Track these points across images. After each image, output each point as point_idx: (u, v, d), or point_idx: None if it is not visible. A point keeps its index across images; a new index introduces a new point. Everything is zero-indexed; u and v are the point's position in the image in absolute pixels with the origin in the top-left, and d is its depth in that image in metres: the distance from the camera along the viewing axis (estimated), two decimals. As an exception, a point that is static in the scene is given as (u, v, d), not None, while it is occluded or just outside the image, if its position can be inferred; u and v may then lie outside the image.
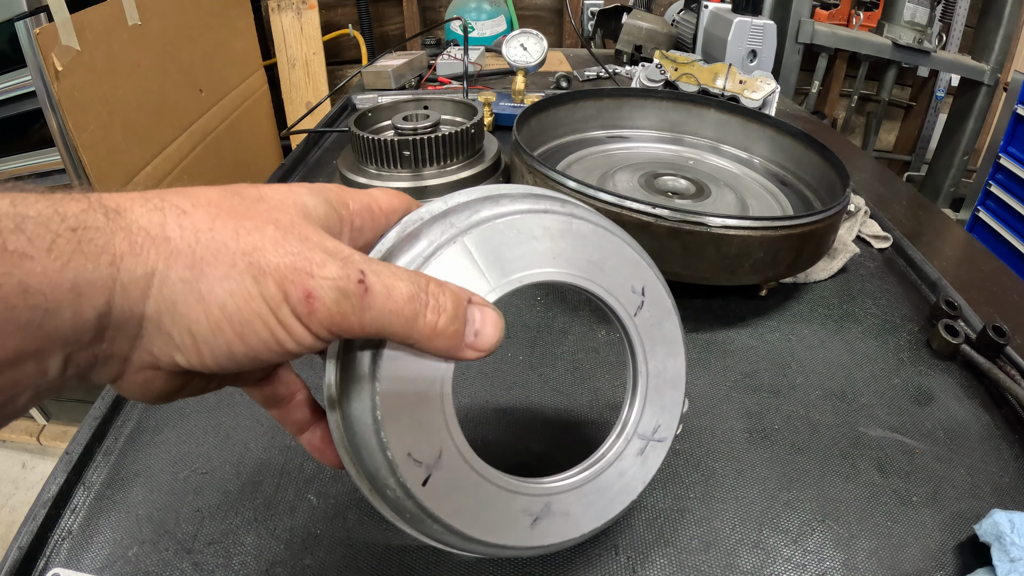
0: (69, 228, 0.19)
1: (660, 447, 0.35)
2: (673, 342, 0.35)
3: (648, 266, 0.33)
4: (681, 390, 0.36)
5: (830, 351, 0.58)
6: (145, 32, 1.43)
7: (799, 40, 2.00)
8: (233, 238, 0.21)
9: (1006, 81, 1.98)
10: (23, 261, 0.18)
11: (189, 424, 0.48)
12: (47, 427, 1.61)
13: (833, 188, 0.68)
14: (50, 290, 0.18)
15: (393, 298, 0.23)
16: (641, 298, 0.33)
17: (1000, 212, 1.84)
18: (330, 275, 0.21)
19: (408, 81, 1.24)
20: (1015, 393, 0.51)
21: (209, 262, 0.21)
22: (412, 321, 0.23)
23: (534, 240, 0.28)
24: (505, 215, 0.28)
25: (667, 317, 0.34)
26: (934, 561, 0.40)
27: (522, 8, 2.32)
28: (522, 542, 0.30)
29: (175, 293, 0.20)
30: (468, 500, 0.28)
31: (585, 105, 0.84)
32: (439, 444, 0.27)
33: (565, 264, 0.29)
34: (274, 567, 0.38)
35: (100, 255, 0.19)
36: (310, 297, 0.21)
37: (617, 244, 0.32)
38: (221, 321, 0.21)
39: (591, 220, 0.31)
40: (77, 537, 0.40)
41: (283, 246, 0.21)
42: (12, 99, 1.20)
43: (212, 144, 1.75)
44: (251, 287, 0.21)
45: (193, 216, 0.21)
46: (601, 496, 0.33)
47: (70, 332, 0.19)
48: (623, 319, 0.32)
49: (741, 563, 0.40)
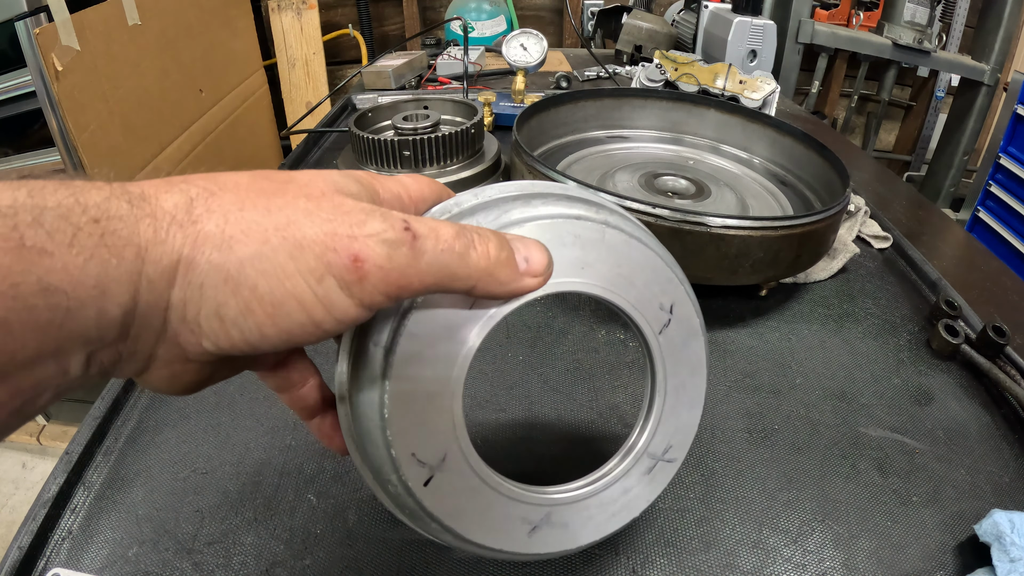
0: (91, 219, 0.18)
1: (669, 467, 0.34)
2: (697, 364, 0.33)
3: (680, 282, 0.32)
4: (698, 412, 0.34)
5: (830, 351, 0.58)
6: (145, 32, 1.43)
7: (799, 40, 2.00)
8: (264, 215, 0.20)
9: (1006, 81, 1.98)
10: (42, 258, 0.17)
11: (189, 424, 0.48)
12: (47, 427, 1.61)
13: (833, 188, 0.68)
14: (72, 288, 0.17)
15: (442, 237, 0.22)
16: (668, 316, 0.31)
17: (1000, 212, 1.84)
18: (374, 230, 0.20)
19: (408, 81, 1.24)
20: (1015, 393, 0.51)
21: (239, 240, 0.19)
22: (465, 256, 0.22)
23: (564, 247, 0.27)
24: (536, 219, 0.27)
25: (693, 338, 0.33)
26: (934, 561, 0.40)
27: (522, 8, 2.32)
28: (518, 548, 0.30)
29: (202, 276, 0.19)
30: (468, 504, 0.28)
31: (585, 105, 0.84)
32: (444, 447, 0.26)
33: (593, 275, 0.28)
34: (274, 567, 0.38)
35: (124, 247, 0.18)
36: (357, 260, 0.20)
37: (650, 258, 0.30)
38: (251, 302, 0.19)
39: (625, 230, 0.29)
40: (77, 537, 0.40)
41: (317, 215, 0.20)
42: (12, 99, 1.20)
43: (212, 144, 1.75)
44: (287, 264, 0.19)
45: (221, 198, 0.20)
46: (603, 511, 0.33)
47: (94, 331, 0.18)
48: (647, 336, 0.31)
49: (741, 563, 0.40)
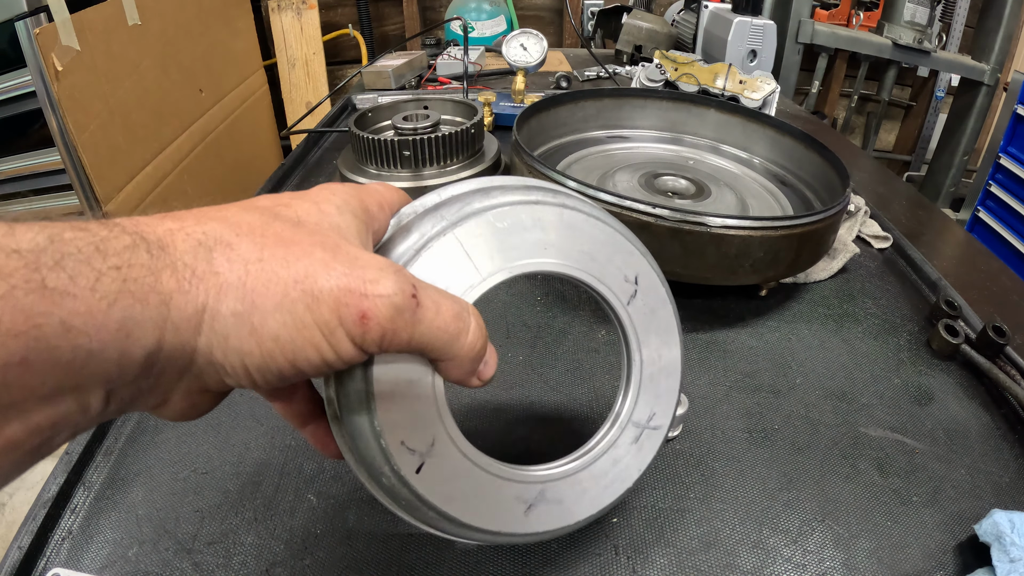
0: (113, 266, 0.18)
1: (655, 435, 0.35)
2: (668, 330, 0.35)
3: (642, 255, 0.33)
4: (677, 378, 0.36)
5: (830, 351, 0.58)
6: (145, 32, 1.43)
7: (799, 40, 2.01)
8: (283, 266, 0.21)
9: (1006, 81, 1.98)
10: (64, 300, 0.17)
11: (189, 424, 0.48)
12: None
13: (833, 188, 0.68)
14: (95, 331, 0.17)
15: (441, 315, 0.24)
16: (634, 287, 0.33)
17: (1000, 212, 1.84)
18: (385, 292, 0.22)
19: (408, 81, 1.24)
20: (1015, 393, 0.51)
21: (261, 293, 0.20)
22: (455, 339, 0.24)
23: (524, 231, 0.29)
24: (495, 207, 0.28)
25: (661, 305, 0.34)
26: (934, 561, 0.40)
27: (522, 8, 2.32)
28: (516, 529, 0.30)
29: (227, 327, 0.20)
30: (462, 487, 0.28)
31: (585, 105, 0.84)
32: (432, 433, 0.27)
33: (556, 254, 0.30)
34: (274, 567, 0.38)
35: (148, 294, 0.19)
36: (364, 318, 0.21)
37: (609, 233, 0.32)
38: (274, 352, 0.21)
39: (583, 210, 0.31)
40: (77, 537, 0.40)
41: (334, 268, 0.21)
42: (12, 99, 1.20)
43: (212, 144, 1.75)
44: (305, 316, 0.21)
45: (239, 248, 0.21)
46: (596, 483, 0.33)
47: (115, 371, 0.19)
48: (616, 308, 0.33)
49: (741, 563, 0.40)
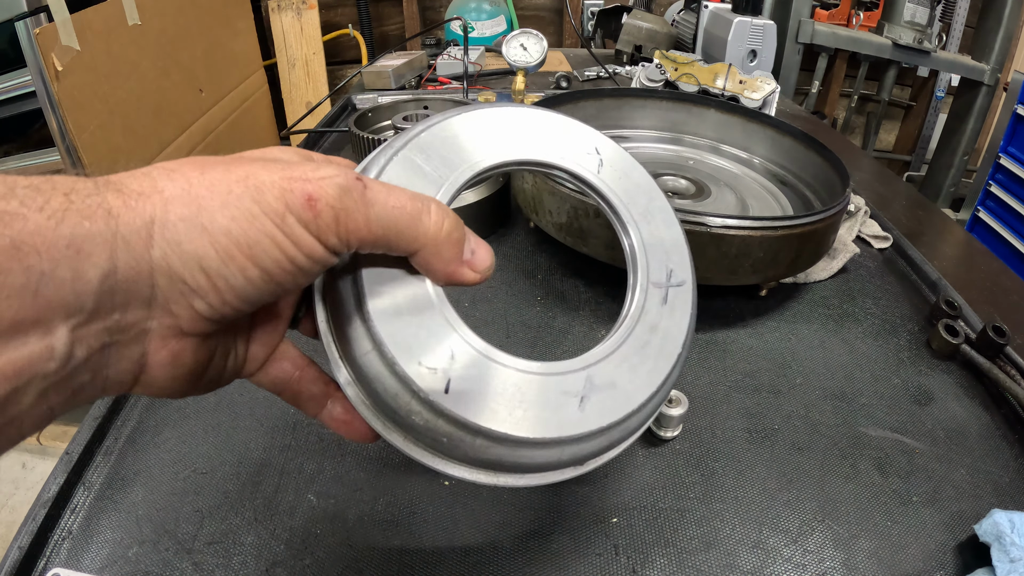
0: (61, 193, 0.19)
1: (683, 291, 0.33)
2: (648, 186, 0.35)
3: (596, 132, 0.34)
4: (677, 228, 0.35)
5: (830, 351, 0.58)
6: (145, 32, 1.43)
7: (799, 40, 2.00)
8: (224, 172, 0.21)
9: (1006, 81, 1.98)
10: (14, 220, 0.17)
11: (189, 424, 0.48)
12: (47, 427, 1.62)
13: (833, 188, 0.68)
14: (45, 248, 0.18)
15: (394, 194, 0.23)
16: (598, 156, 0.34)
17: (1000, 212, 1.84)
18: (327, 174, 0.22)
19: (408, 81, 1.24)
20: (1015, 393, 0.51)
21: (205, 196, 0.21)
22: (416, 219, 0.24)
23: (473, 137, 0.30)
24: (438, 122, 0.30)
25: (633, 168, 0.35)
26: (934, 561, 0.40)
27: (522, 8, 2.32)
28: (576, 429, 0.27)
29: (178, 233, 0.20)
30: (499, 396, 0.26)
31: (585, 105, 0.84)
32: (448, 345, 0.25)
33: (507, 150, 0.31)
34: (274, 567, 0.38)
35: (95, 211, 0.19)
36: (311, 199, 0.21)
37: (562, 120, 0.33)
38: (230, 248, 0.21)
39: (524, 108, 0.32)
40: (77, 537, 0.40)
41: (273, 167, 0.22)
42: (12, 99, 1.20)
43: (212, 144, 1.75)
44: (251, 206, 0.21)
45: (181, 170, 0.21)
46: (642, 356, 0.30)
47: (71, 296, 0.18)
48: (588, 179, 0.33)
49: (741, 563, 0.40)
